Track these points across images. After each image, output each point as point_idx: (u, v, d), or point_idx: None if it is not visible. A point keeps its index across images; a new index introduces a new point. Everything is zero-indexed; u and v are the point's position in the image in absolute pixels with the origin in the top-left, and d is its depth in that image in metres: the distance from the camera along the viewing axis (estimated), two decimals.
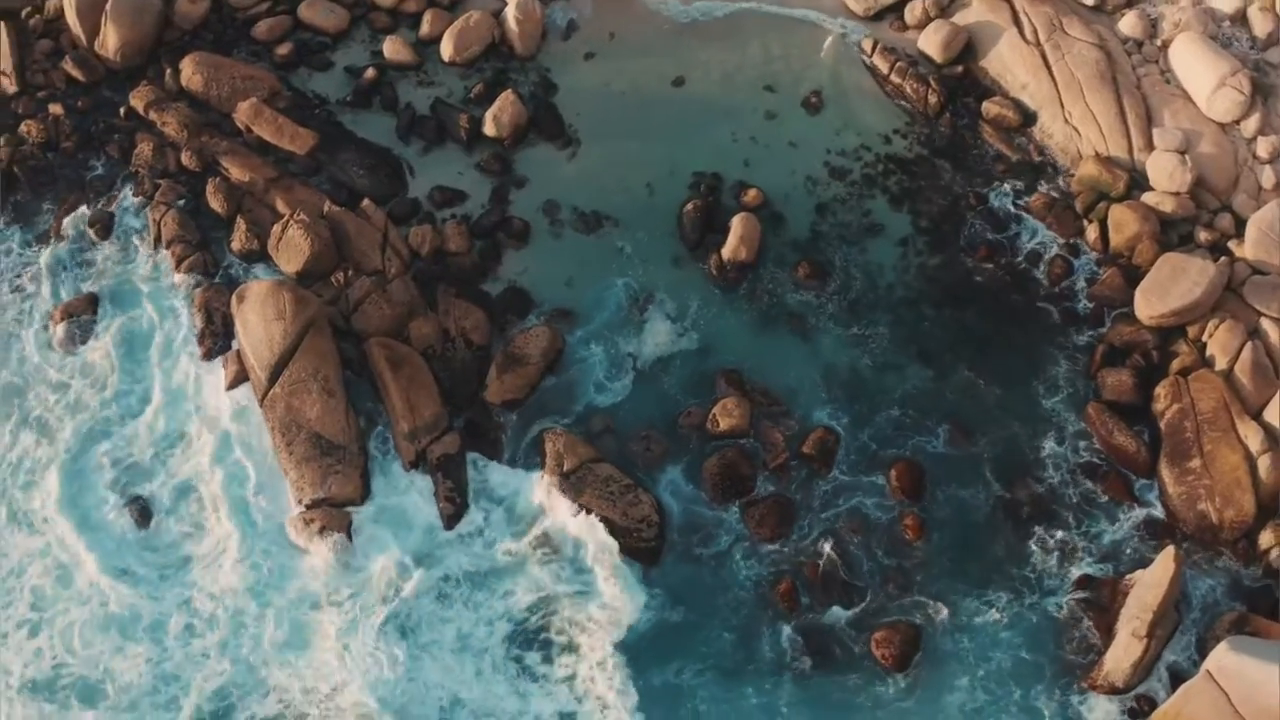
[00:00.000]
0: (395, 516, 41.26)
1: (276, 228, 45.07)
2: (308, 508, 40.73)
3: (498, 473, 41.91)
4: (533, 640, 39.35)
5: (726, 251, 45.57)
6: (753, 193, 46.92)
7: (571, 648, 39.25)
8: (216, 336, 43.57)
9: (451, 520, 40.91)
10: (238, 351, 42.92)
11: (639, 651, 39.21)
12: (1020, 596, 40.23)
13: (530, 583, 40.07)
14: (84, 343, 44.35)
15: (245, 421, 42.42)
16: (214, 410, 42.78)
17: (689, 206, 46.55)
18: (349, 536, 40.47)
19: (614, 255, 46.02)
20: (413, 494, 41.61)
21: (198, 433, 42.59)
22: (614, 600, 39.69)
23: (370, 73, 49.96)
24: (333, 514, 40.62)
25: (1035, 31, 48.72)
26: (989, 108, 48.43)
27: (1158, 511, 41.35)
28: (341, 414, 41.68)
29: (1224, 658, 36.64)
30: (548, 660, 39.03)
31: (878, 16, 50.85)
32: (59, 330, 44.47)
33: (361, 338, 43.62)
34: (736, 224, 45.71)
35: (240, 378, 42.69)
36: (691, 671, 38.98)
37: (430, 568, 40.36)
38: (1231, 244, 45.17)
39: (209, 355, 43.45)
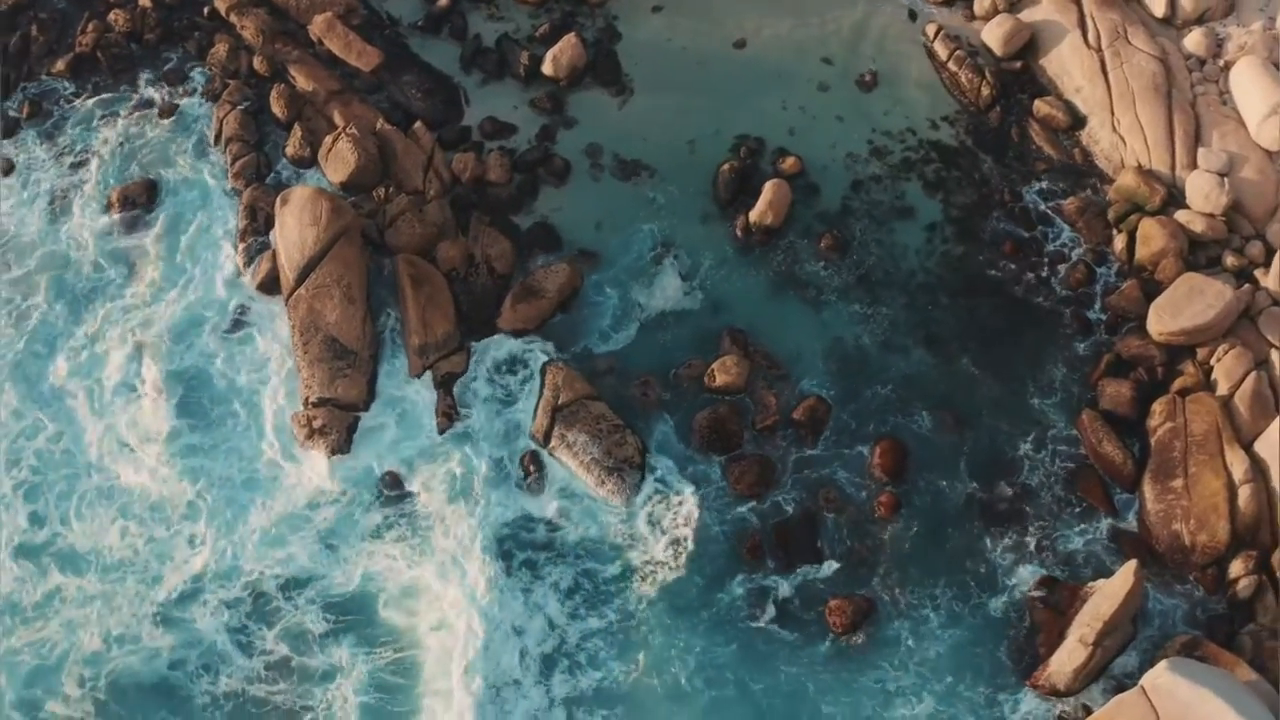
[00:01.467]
0: (395, 425, 43.36)
1: (328, 139, 47.36)
2: (313, 405, 43.10)
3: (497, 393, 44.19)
4: (509, 555, 41.11)
5: (754, 214, 46.65)
6: (791, 161, 47.86)
7: (542, 564, 41.08)
8: (257, 234, 46.06)
9: (445, 433, 42.79)
10: (273, 251, 45.33)
11: (601, 579, 40.93)
12: (979, 588, 41.11)
13: (512, 502, 42.01)
14: (134, 227, 47.03)
15: (270, 319, 44.96)
16: (243, 304, 45.21)
17: (726, 167, 47.71)
18: (349, 438, 42.94)
19: (646, 205, 47.41)
20: (415, 405, 43.76)
21: (225, 324, 45.06)
22: (586, 530, 41.54)
23: (443, 1, 52.06)
24: (335, 414, 42.96)
25: (1098, 37, 48.69)
26: (1040, 106, 48.60)
27: (1132, 526, 41.76)
28: (359, 321, 43.90)
29: (1160, 676, 37.32)
30: (516, 573, 40.92)
31: (948, 2, 51.14)
32: (113, 212, 47.21)
33: (392, 252, 45.86)
34: (768, 189, 46.76)
35: (271, 276, 45.15)
36: (647, 604, 40.51)
37: (420, 475, 42.46)
38: (1258, 273, 44.98)
39: (247, 252, 45.92)
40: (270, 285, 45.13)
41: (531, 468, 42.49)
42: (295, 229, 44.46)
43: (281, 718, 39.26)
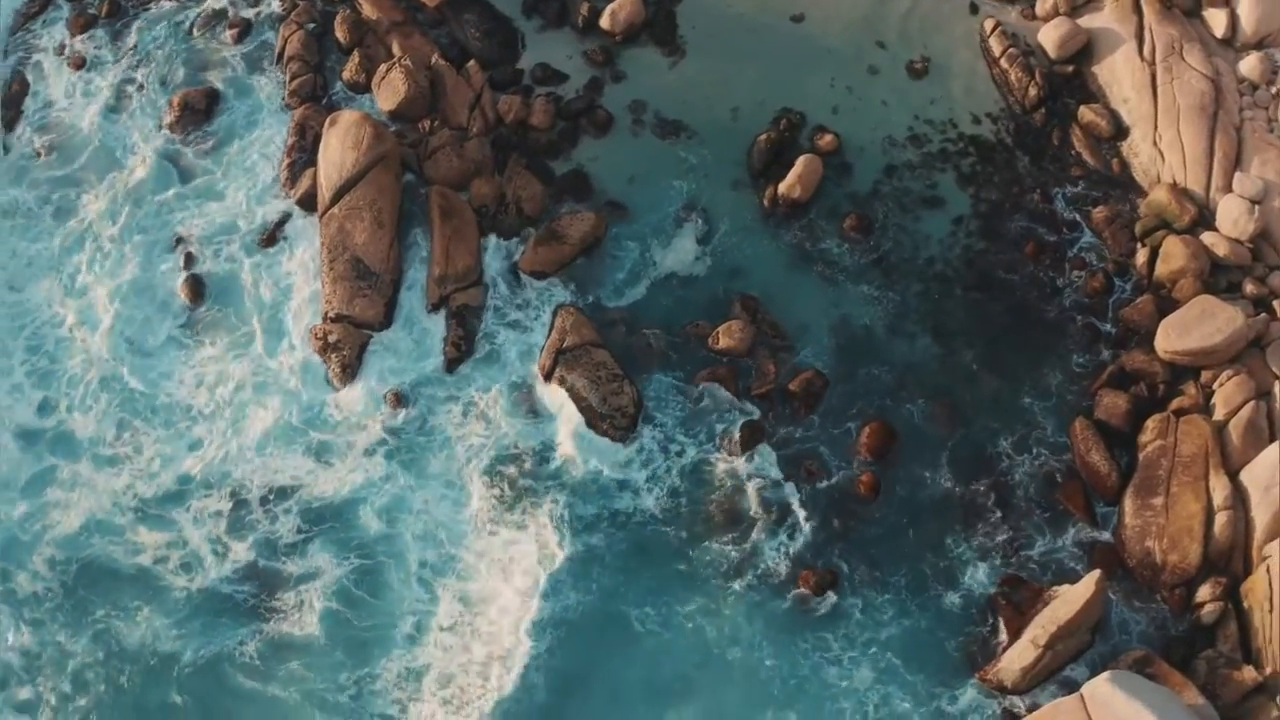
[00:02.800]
0: (405, 349, 45.32)
1: (383, 67, 49.20)
2: (331, 320, 45.17)
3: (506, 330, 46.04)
4: (499, 483, 42.98)
5: (783, 186, 47.48)
6: (829, 138, 48.53)
7: (530, 494, 42.84)
8: (303, 152, 48.12)
9: (452, 363, 44.86)
10: (315, 169, 47.30)
11: (580, 515, 42.58)
12: (943, 578, 42.03)
13: (507, 433, 43.82)
14: (188, 132, 49.37)
15: (304, 235, 46.98)
16: (281, 217, 47.35)
17: (763, 137, 48.55)
18: (360, 356, 44.86)
19: (680, 165, 48.53)
20: (427, 334, 45.60)
21: (261, 235, 47.29)
22: (574, 468, 43.16)
23: None
24: (350, 332, 45.01)
25: (1154, 50, 48.47)
26: (1085, 113, 48.58)
27: (1106, 537, 42.19)
28: (385, 245, 45.76)
29: (1100, 686, 37.96)
30: (503, 500, 42.87)
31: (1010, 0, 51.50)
32: (170, 116, 49.60)
33: (428, 183, 47.61)
34: (800, 163, 47.55)
35: (310, 193, 47.20)
36: (621, 547, 42.13)
37: (423, 400, 44.51)
38: (1276, 304, 44.82)
39: (292, 168, 48.02)
40: (308, 202, 47.26)
41: (529, 404, 44.37)
42: (338, 150, 46.39)
43: (251, 617, 41.48)
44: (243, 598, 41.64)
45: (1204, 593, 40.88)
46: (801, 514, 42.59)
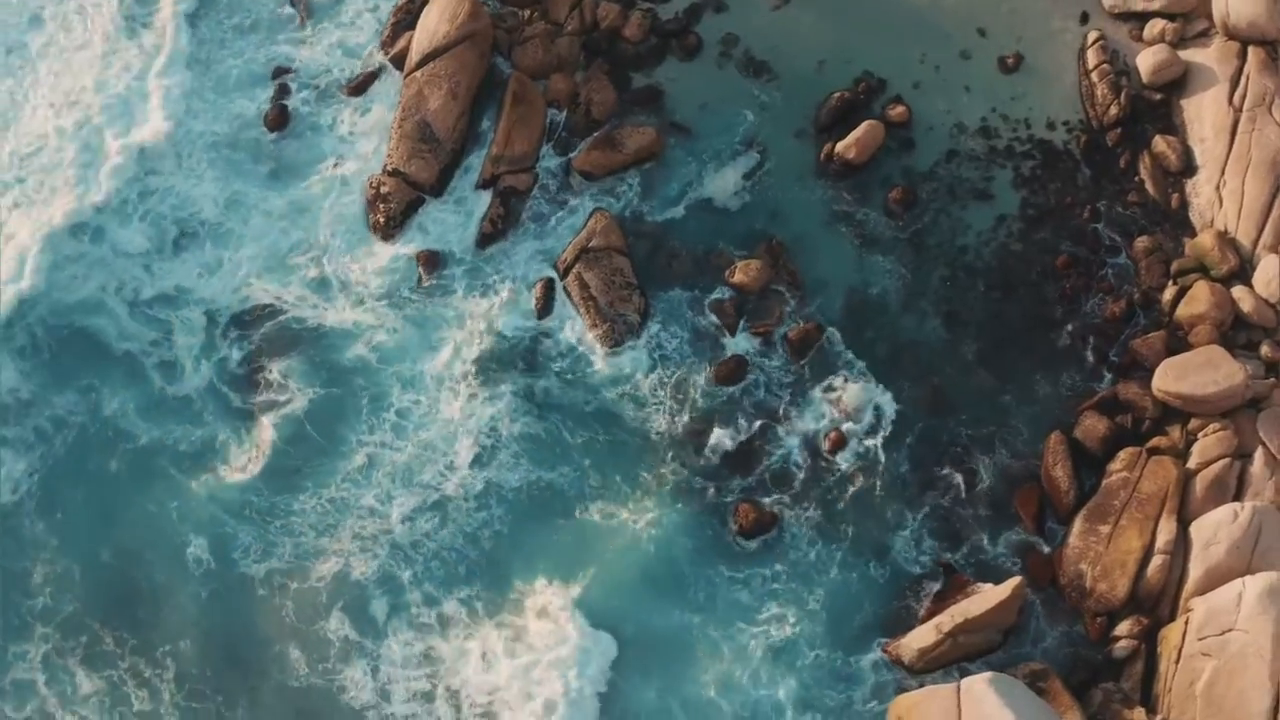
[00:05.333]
0: (447, 218, 48.30)
1: None
2: (387, 173, 48.37)
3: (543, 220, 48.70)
4: (492, 353, 45.89)
5: (840, 145, 48.61)
6: (901, 110, 49.36)
7: (517, 373, 45.76)
8: (410, 15, 50.97)
9: (485, 239, 47.67)
10: (411, 34, 50.15)
11: (553, 407, 45.28)
12: (882, 548, 43.53)
13: (512, 313, 46.49)
14: None
15: (389, 90, 50.15)
16: (374, 70, 50.59)
17: (838, 95, 49.59)
18: (403, 214, 47.83)
19: (752, 103, 49.99)
20: (470, 210, 48.40)
21: (351, 82, 50.55)
22: (567, 361, 45.85)
23: None
24: (401, 188, 48.17)
25: (1244, 97, 47.78)
26: (1159, 142, 48.25)
27: (1047, 550, 43.08)
28: (454, 117, 48.60)
29: (977, 684, 39.43)
30: (487, 370, 45.79)
31: (1123, 17, 50.59)
32: None
33: (514, 68, 50.17)
34: (862, 127, 48.61)
35: (403, 53, 50.16)
36: (594, 444, 44.61)
37: (447, 268, 47.39)
38: None
39: (396, 26, 51.10)
40: (399, 61, 50.31)
41: (543, 292, 46.91)
42: (435, 20, 49.36)
43: (214, 421, 45.34)
44: (211, 405, 45.45)
45: (1123, 628, 41.74)
46: (762, 453, 44.43)
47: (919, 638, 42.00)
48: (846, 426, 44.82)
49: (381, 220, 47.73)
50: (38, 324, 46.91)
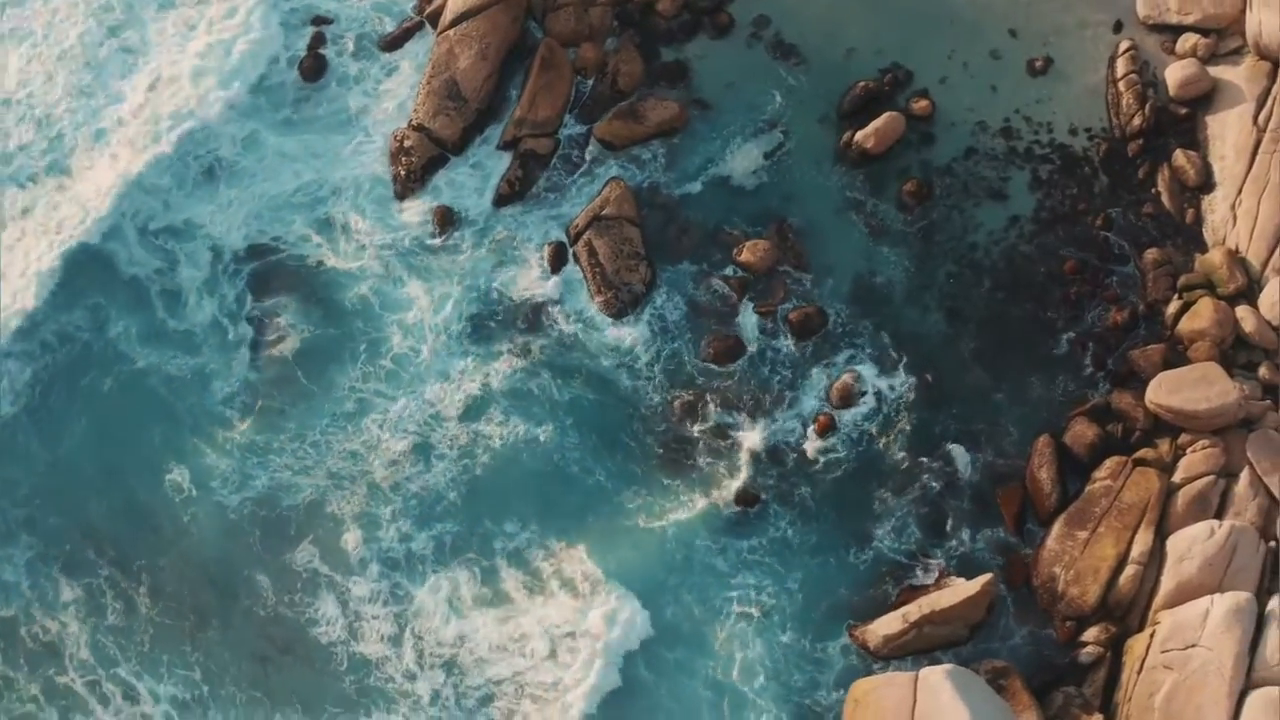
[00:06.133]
0: (465, 177, 49.32)
1: None
2: (412, 128, 49.40)
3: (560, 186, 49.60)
4: (491, 312, 47.11)
5: (859, 134, 48.94)
6: (924, 104, 49.58)
7: (513, 331, 46.88)
8: None
9: (501, 200, 48.58)
10: None
11: (547, 366, 46.27)
12: (862, 534, 43.96)
13: (518, 274, 47.53)
14: None
15: (422, 47, 51.25)
16: (409, 25, 51.71)
17: (863, 84, 49.90)
18: (424, 170, 48.84)
19: (778, 85, 50.43)
20: (490, 171, 49.34)
21: (388, 39, 51.81)
22: (566, 323, 46.75)
23: None
24: (424, 143, 49.30)
25: (1269, 118, 47.37)
26: (1179, 157, 48.07)
27: (1025, 551, 43.31)
28: (481, 77, 49.57)
29: (934, 675, 39.95)
30: (483, 326, 46.94)
31: (1156, 28, 50.33)
32: None
33: (546, 33, 50.88)
34: (883, 118, 48.92)
35: (438, 12, 51.03)
36: (582, 403, 45.61)
37: (461, 225, 48.40)
38: None
39: None
40: (435, 19, 51.12)
41: (551, 256, 47.71)
42: None
43: (210, 350, 46.93)
44: (210, 338, 47.03)
45: (1091, 634, 41.94)
46: (750, 432, 44.99)
47: (886, 624, 42.49)
48: (838, 411, 45.42)
49: (402, 173, 48.85)
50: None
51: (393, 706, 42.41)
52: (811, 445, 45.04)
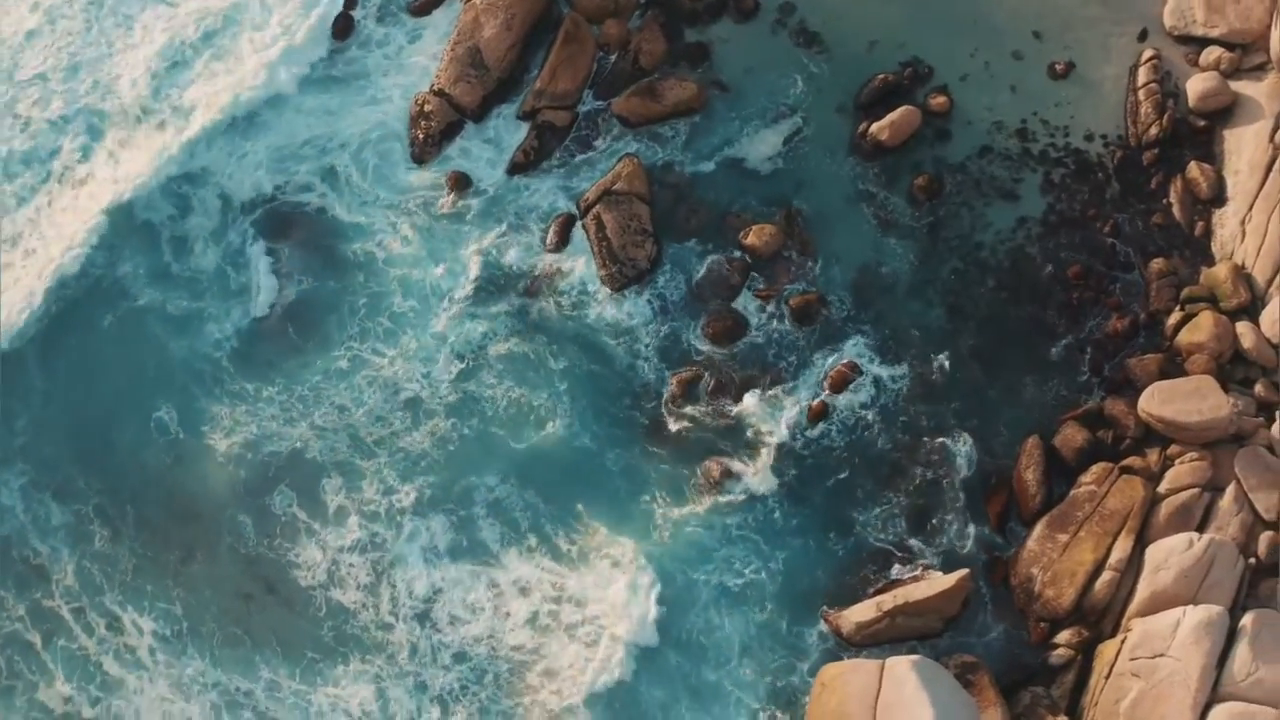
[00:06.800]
0: (485, 146, 49.91)
1: None
2: (433, 93, 50.10)
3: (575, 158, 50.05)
4: (493, 278, 47.67)
5: (875, 126, 49.22)
6: (942, 100, 49.78)
7: (515, 296, 47.51)
8: None
9: (515, 168, 49.21)
10: None
11: (545, 330, 46.93)
12: (845, 522, 44.33)
13: (526, 243, 48.14)
14: None
15: (450, 15, 51.87)
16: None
17: (882, 76, 50.15)
18: (442, 135, 49.48)
19: (800, 72, 50.77)
20: (506, 141, 49.96)
21: (418, 3, 52.27)
22: (568, 296, 47.36)
23: None
24: (444, 108, 50.03)
25: None
26: (1194, 169, 48.02)
27: (1008, 550, 43.58)
28: (505, 47, 50.18)
29: (900, 665, 40.56)
30: (486, 289, 47.54)
31: (1182, 39, 50.24)
32: None
33: (572, 7, 51.48)
34: (899, 111, 49.17)
35: None
36: (578, 374, 46.08)
37: (472, 191, 49.02)
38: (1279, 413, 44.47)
39: None
40: None
41: (559, 228, 48.24)
42: None
43: (209, 298, 47.90)
44: (214, 285, 48.06)
45: (1063, 636, 42.26)
46: (744, 410, 45.44)
47: (859, 612, 42.93)
48: (833, 398, 45.82)
49: (420, 136, 49.57)
50: None
51: (368, 657, 43.28)
52: (804, 430, 45.40)
